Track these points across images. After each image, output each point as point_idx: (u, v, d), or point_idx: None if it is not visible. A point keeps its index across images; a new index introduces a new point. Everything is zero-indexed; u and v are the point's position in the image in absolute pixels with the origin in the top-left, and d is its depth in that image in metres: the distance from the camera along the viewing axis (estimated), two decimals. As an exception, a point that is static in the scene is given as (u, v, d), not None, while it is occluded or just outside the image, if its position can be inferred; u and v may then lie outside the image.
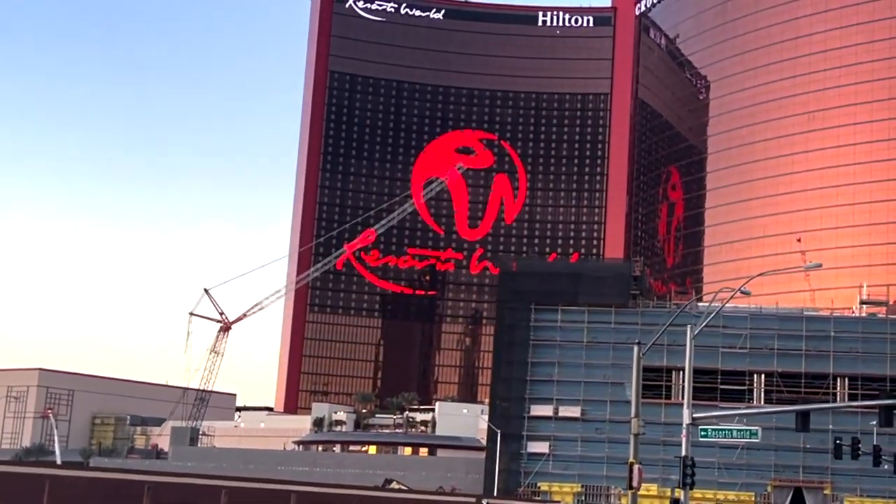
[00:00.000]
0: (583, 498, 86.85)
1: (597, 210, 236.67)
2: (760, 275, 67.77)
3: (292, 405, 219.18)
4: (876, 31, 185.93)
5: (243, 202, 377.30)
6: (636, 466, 40.28)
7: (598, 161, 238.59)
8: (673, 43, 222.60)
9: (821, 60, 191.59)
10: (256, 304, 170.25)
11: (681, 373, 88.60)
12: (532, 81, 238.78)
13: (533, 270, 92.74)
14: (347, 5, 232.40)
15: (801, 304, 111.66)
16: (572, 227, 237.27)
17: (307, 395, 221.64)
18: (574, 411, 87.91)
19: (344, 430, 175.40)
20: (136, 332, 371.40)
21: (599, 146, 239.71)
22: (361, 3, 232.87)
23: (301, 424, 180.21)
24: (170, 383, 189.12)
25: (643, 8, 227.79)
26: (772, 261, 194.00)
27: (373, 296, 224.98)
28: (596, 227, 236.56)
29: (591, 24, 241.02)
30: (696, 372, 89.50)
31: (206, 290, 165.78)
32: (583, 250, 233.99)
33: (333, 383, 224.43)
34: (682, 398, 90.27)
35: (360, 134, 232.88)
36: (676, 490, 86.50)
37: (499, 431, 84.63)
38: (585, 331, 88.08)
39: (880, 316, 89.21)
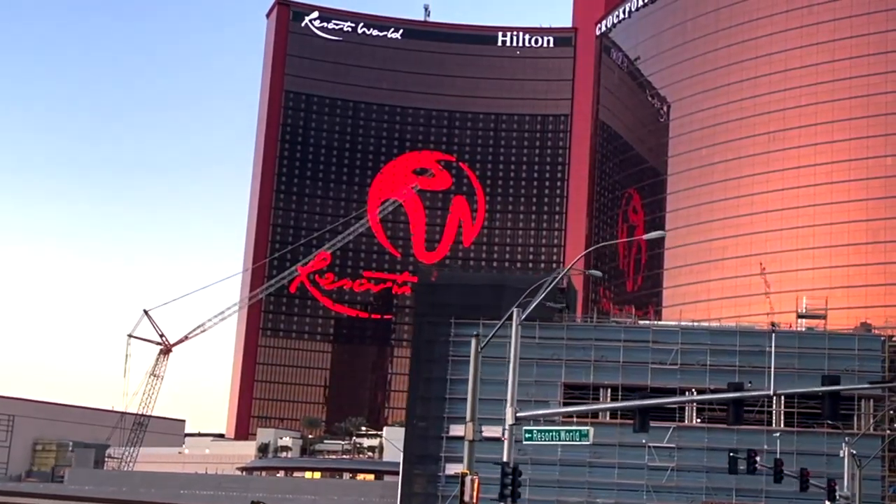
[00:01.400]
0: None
1: (556, 233, 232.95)
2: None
3: (244, 431, 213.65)
4: (836, 50, 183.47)
5: (191, 222, 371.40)
6: (469, 478, 35.11)
7: (558, 183, 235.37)
8: (633, 63, 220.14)
9: (781, 80, 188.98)
10: (199, 327, 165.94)
11: (608, 390, 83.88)
12: (491, 102, 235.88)
13: (454, 282, 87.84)
14: (304, 24, 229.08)
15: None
16: (531, 249, 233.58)
17: (259, 420, 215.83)
18: (496, 431, 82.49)
19: (290, 455, 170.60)
20: (78, 355, 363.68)
21: (559, 168, 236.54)
22: (318, 22, 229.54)
23: (247, 451, 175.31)
24: (115, 408, 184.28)
25: (604, 28, 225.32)
26: (732, 283, 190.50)
27: (327, 319, 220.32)
28: (556, 250, 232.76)
29: (551, 45, 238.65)
30: (625, 389, 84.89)
31: (145, 312, 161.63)
32: (542, 274, 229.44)
33: (286, 409, 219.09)
34: (609, 417, 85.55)
35: (315, 154, 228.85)
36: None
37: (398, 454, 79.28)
38: (508, 346, 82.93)
39: (819, 330, 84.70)
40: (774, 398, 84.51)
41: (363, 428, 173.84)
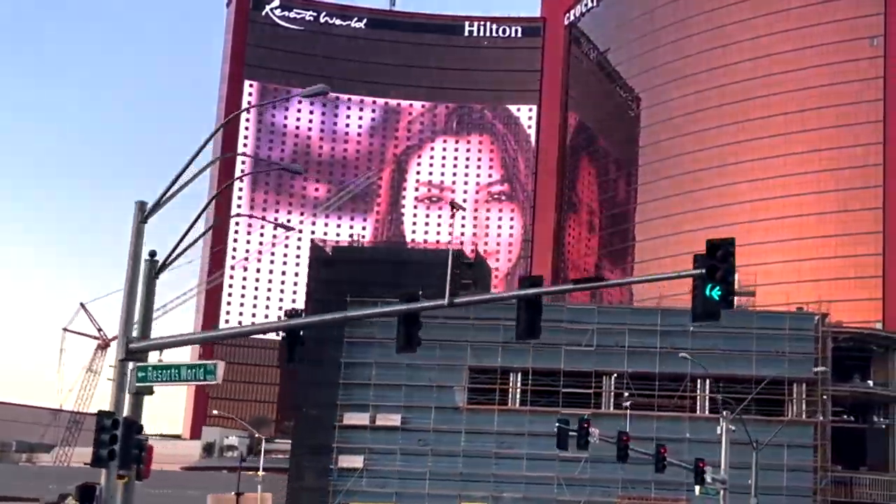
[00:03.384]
0: (402, 520, 74.92)
1: (523, 222, 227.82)
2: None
3: (200, 432, 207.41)
4: (806, 38, 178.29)
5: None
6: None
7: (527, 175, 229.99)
8: (602, 54, 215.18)
9: (750, 69, 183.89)
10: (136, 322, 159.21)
11: (518, 374, 77.12)
12: (457, 93, 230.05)
13: (349, 257, 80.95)
14: (265, 13, 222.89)
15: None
16: (498, 241, 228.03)
17: (217, 421, 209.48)
18: (394, 420, 76.12)
19: (236, 455, 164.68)
20: (10, 349, 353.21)
21: (527, 161, 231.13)
22: (279, 10, 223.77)
23: (193, 451, 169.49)
24: (64, 407, 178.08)
25: (572, 18, 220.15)
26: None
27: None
28: (523, 244, 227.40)
29: (519, 35, 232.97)
30: (536, 373, 78.27)
31: (82, 305, 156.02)
32: (509, 267, 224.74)
33: (245, 408, 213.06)
34: (519, 404, 78.86)
35: (289, 146, 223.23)
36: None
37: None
38: (407, 327, 76.19)
39: (749, 309, 78.10)
40: (699, 382, 78.21)
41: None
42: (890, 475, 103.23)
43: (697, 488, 49.24)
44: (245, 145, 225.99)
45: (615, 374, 76.20)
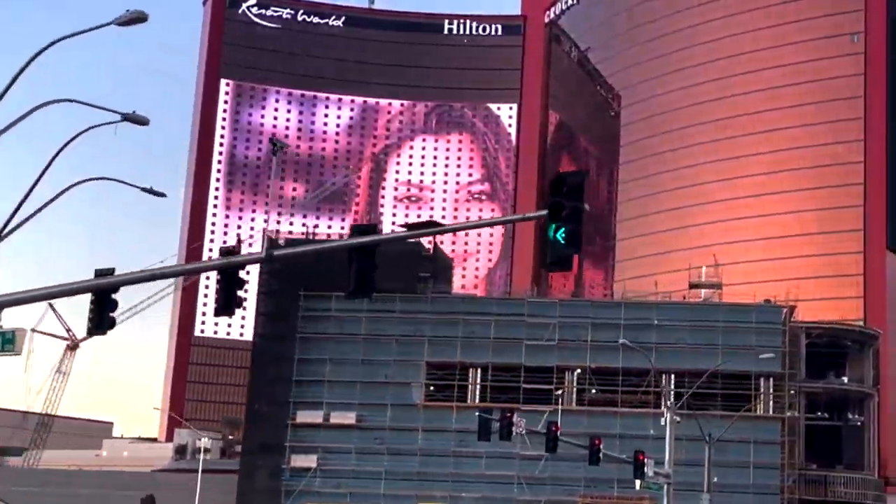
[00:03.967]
0: (357, 521, 72.41)
1: (505, 226, 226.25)
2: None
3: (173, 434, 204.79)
4: (786, 34, 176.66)
5: (117, 211, 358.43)
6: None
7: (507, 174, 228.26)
8: (582, 52, 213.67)
9: (729, 66, 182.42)
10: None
11: (478, 370, 74.75)
12: (437, 92, 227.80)
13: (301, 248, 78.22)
14: (241, 11, 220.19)
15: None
16: (478, 241, 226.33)
17: (193, 423, 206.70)
18: (348, 418, 73.73)
19: (210, 457, 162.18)
20: None
21: (508, 159, 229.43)
22: (256, 8, 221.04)
23: (165, 453, 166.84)
24: (32, 409, 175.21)
25: (552, 15, 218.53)
26: (680, 276, 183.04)
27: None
28: (503, 244, 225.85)
29: (499, 33, 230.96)
30: (496, 369, 75.96)
31: (50, 305, 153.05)
32: (489, 267, 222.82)
33: (221, 410, 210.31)
34: (478, 401, 76.50)
35: (265, 145, 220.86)
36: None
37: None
38: (364, 322, 73.81)
39: (714, 301, 75.83)
40: (664, 377, 75.90)
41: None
42: (865, 474, 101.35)
43: (638, 483, 46.88)
44: (221, 144, 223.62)
45: (578, 370, 73.89)
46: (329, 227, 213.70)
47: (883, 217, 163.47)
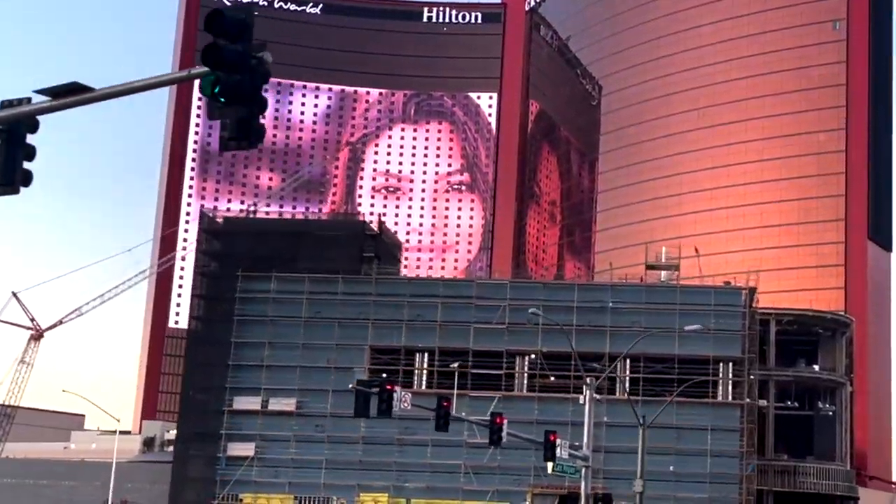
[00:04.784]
0: (296, 512, 68.99)
1: (484, 213, 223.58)
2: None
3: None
4: (768, 22, 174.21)
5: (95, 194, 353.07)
6: None
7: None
8: (562, 41, 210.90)
9: (711, 53, 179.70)
10: (75, 310, 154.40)
11: (424, 355, 71.37)
12: (416, 81, 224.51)
13: (243, 229, 74.93)
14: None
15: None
16: (458, 231, 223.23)
17: (167, 415, 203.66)
18: (288, 404, 70.33)
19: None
20: None
21: (488, 149, 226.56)
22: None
23: (134, 445, 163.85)
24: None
25: (533, 3, 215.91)
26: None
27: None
28: (483, 235, 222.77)
29: (479, 21, 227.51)
30: (443, 353, 72.60)
31: (14, 294, 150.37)
32: (469, 259, 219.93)
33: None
34: (425, 386, 73.16)
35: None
36: (415, 501, 69.33)
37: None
38: (305, 304, 70.39)
39: (670, 283, 72.52)
40: (620, 363, 72.62)
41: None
42: (837, 465, 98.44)
43: (550, 465, 43.49)
44: (197, 133, 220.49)
45: (528, 355, 70.56)
46: (305, 217, 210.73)
47: (864, 206, 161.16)
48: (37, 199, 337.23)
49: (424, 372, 71.48)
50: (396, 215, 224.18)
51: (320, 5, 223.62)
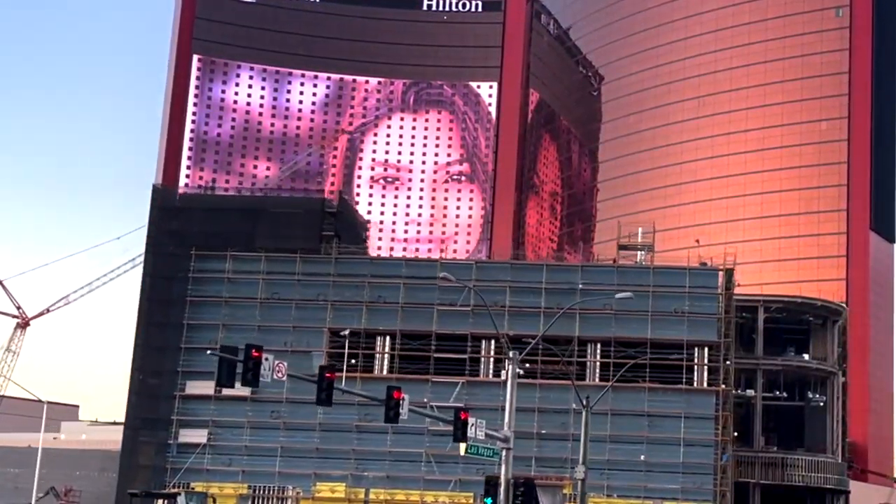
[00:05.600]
0: (250, 502, 65.97)
1: (483, 204, 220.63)
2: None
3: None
4: (770, 7, 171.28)
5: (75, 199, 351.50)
6: None
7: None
8: (562, 28, 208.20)
9: (711, 41, 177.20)
10: (62, 298, 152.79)
11: (385, 338, 68.39)
12: (415, 69, 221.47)
13: (197, 205, 72.03)
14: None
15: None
16: (457, 223, 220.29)
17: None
18: (242, 389, 66.82)
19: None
20: None
21: (488, 139, 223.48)
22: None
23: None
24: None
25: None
26: (661, 258, 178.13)
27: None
28: (483, 226, 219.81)
29: (479, 9, 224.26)
30: (405, 336, 69.60)
31: (0, 282, 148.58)
32: (468, 250, 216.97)
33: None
34: (386, 371, 70.15)
35: (229, 122, 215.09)
36: (374, 491, 66.30)
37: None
38: (262, 284, 67.46)
39: (643, 264, 69.37)
40: (589, 345, 69.47)
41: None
42: (826, 457, 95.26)
43: (462, 446, 40.43)
44: (194, 122, 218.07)
45: (494, 338, 67.49)
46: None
47: (867, 197, 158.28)
48: (25, 186, 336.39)
49: (386, 356, 68.49)
50: (395, 205, 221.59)
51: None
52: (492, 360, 68.44)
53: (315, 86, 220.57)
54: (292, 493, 66.41)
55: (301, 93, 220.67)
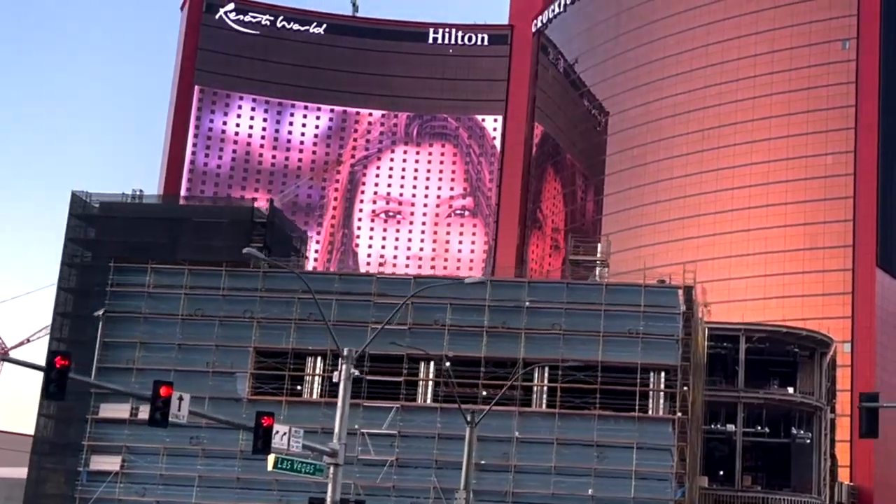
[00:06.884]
0: (164, 535, 61.16)
1: (486, 239, 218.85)
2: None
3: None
4: (775, 40, 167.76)
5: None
6: None
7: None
8: (568, 63, 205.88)
9: (717, 73, 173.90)
10: (43, 328, 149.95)
11: (316, 358, 63.76)
12: (421, 102, 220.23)
13: (116, 213, 67.80)
14: (218, 17, 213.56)
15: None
16: (459, 257, 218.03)
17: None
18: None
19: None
20: None
21: (492, 172, 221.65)
22: (234, 14, 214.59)
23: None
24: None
25: (539, 24, 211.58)
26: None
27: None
28: (485, 261, 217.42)
29: (485, 43, 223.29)
30: (336, 357, 64.99)
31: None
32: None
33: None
34: (316, 395, 65.40)
35: (228, 154, 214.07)
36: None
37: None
38: (184, 299, 63.00)
39: (596, 281, 64.58)
40: (537, 369, 64.55)
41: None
42: (811, 497, 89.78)
43: (270, 459, 35.49)
44: (194, 153, 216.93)
45: (433, 359, 62.69)
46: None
47: (873, 232, 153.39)
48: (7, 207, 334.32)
49: (316, 378, 63.86)
50: (397, 239, 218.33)
51: (324, 25, 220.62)
52: (429, 383, 63.63)
53: (318, 118, 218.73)
54: (211, 526, 61.67)
55: (303, 125, 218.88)
